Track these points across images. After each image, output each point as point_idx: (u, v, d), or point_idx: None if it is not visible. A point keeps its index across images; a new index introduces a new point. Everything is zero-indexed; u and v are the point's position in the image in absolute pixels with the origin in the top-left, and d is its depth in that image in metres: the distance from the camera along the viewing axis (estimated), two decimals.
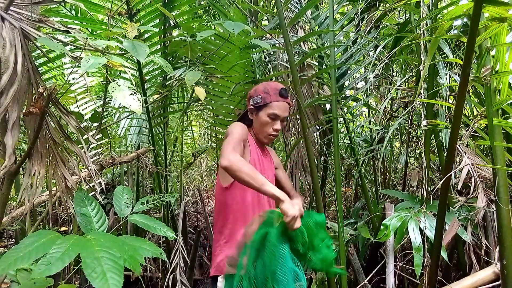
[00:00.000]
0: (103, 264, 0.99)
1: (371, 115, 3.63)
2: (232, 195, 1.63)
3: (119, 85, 1.32)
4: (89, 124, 2.29)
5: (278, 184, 1.85)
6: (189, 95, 3.65)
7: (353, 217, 2.90)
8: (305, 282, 1.34)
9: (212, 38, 2.53)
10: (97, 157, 2.79)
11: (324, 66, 2.64)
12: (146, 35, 2.69)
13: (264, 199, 1.69)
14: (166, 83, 2.93)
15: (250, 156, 1.64)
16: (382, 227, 2.07)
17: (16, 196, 2.56)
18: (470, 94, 2.35)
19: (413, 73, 2.59)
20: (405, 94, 2.73)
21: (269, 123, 1.66)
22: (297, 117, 2.67)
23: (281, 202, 1.33)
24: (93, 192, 2.35)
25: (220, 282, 1.55)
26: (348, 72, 2.66)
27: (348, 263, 2.70)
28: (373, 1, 2.49)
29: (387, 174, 3.62)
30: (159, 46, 2.88)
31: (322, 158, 3.08)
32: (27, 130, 1.46)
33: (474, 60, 1.85)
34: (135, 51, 1.36)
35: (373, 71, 2.50)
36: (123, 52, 1.45)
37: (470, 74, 1.42)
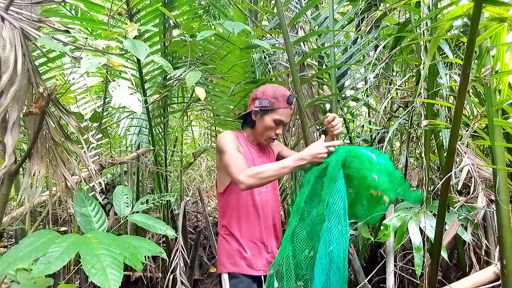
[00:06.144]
0: (103, 261, 1.00)
1: (371, 115, 3.62)
2: (227, 199, 1.70)
3: (119, 85, 1.32)
4: (89, 124, 2.29)
5: None
6: (189, 95, 3.65)
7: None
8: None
9: (212, 38, 2.53)
10: (97, 157, 2.79)
11: (324, 66, 2.64)
12: (146, 35, 2.69)
13: (260, 200, 1.71)
14: (166, 83, 2.92)
15: None
16: (382, 227, 2.07)
17: (16, 196, 2.56)
18: (470, 94, 2.34)
19: (413, 73, 2.58)
20: (405, 94, 2.72)
21: (273, 128, 1.69)
22: (297, 117, 2.66)
23: (306, 157, 1.48)
24: (93, 192, 2.35)
25: (224, 279, 1.61)
26: (348, 72, 2.66)
27: (348, 263, 2.69)
28: (373, 1, 2.49)
29: None
30: (159, 46, 2.87)
31: None
32: (27, 130, 1.46)
33: (474, 60, 1.85)
34: (135, 50, 1.37)
35: (373, 71, 2.50)
36: (123, 52, 1.45)
37: (470, 74, 1.42)
